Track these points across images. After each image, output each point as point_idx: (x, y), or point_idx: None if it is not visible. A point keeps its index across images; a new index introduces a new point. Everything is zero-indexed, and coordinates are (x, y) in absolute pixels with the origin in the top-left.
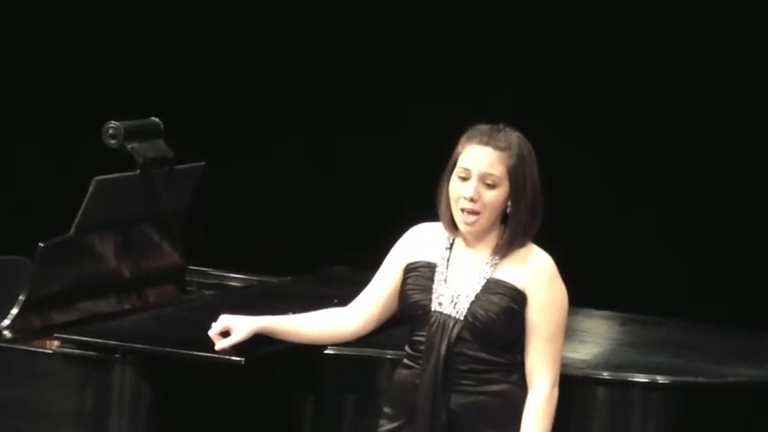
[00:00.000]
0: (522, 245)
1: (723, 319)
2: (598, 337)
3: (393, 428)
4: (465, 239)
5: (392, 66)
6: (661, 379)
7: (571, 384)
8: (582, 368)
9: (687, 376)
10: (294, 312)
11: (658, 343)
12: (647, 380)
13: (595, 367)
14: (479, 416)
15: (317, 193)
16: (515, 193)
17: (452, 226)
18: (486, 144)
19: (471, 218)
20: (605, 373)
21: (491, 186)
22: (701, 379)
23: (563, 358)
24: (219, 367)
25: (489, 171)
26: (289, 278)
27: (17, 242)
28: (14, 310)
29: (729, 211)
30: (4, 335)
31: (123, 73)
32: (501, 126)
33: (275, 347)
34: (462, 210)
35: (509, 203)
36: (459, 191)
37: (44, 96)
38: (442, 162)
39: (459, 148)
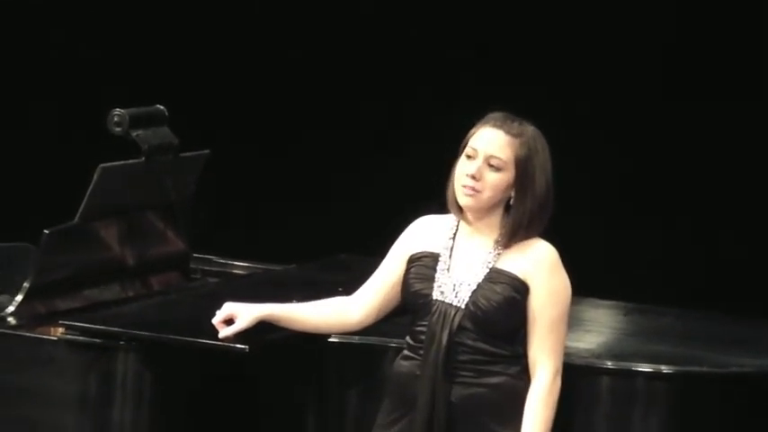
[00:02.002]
0: (526, 238)
1: (726, 309)
2: (602, 327)
3: (392, 420)
4: (468, 226)
5: (397, 57)
6: (665, 368)
7: (575, 374)
8: (586, 357)
9: (691, 366)
10: (298, 300)
11: (662, 332)
12: (650, 369)
13: (599, 357)
14: (479, 408)
15: (322, 181)
16: (520, 182)
17: (457, 206)
18: (499, 128)
19: (470, 192)
20: (609, 363)
21: (495, 169)
22: (704, 368)
23: (567, 348)
24: (223, 355)
25: (495, 153)
26: (293, 266)
27: (22, 229)
28: (19, 297)
29: (731, 201)
30: (9, 321)
31: (128, 60)
32: (520, 119)
33: (279, 335)
34: (464, 186)
35: (512, 193)
36: (463, 168)
37: (48, 83)
38: (446, 154)
39: (473, 129)
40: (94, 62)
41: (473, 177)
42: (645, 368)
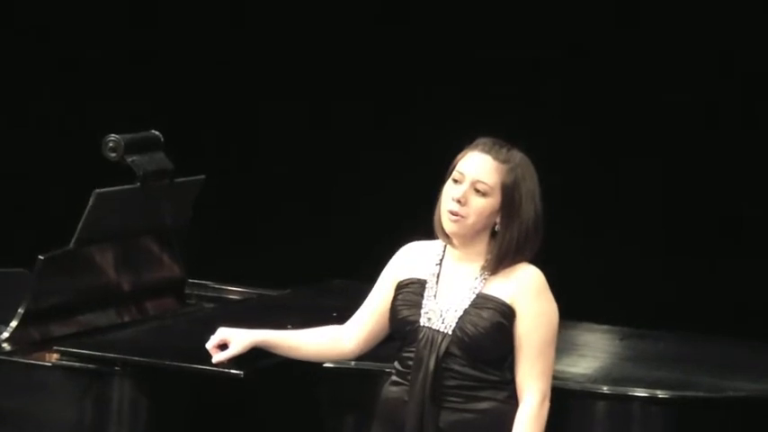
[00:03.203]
0: (514, 264)
1: (722, 331)
2: (598, 351)
3: None
4: (455, 252)
5: (399, 81)
6: (661, 393)
7: (571, 398)
8: (582, 382)
9: (687, 390)
10: (293, 326)
11: (658, 357)
12: (646, 394)
13: (595, 381)
14: None
15: (316, 206)
16: (506, 209)
17: (444, 231)
18: (487, 153)
19: (455, 218)
20: (605, 388)
21: (481, 194)
22: (700, 393)
23: (563, 372)
24: (218, 380)
25: (482, 178)
26: (288, 291)
27: (17, 254)
28: (14, 323)
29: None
30: (4, 347)
31: (124, 83)
32: (508, 145)
33: (274, 360)
34: (449, 211)
35: (498, 219)
36: (449, 192)
37: (42, 106)
38: (442, 177)
39: (461, 154)
40: (90, 88)
41: (458, 202)
42: (641, 393)
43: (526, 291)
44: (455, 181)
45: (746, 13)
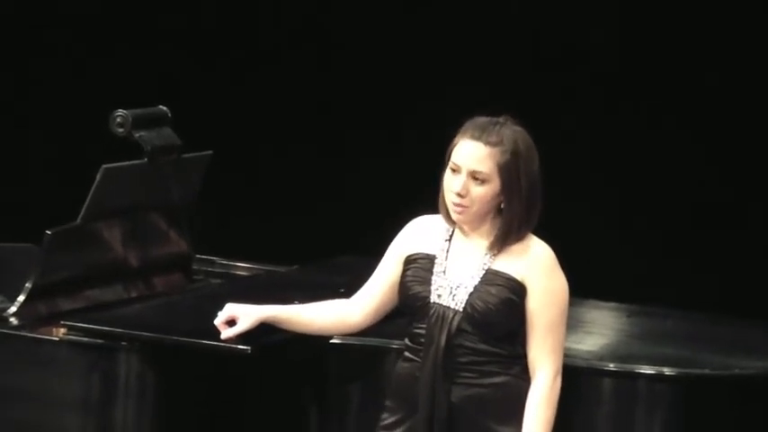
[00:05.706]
0: (520, 238)
1: (727, 310)
2: (604, 329)
3: (394, 422)
4: (463, 230)
5: (400, 59)
6: (667, 370)
7: (577, 376)
8: (588, 359)
9: (693, 368)
10: (300, 302)
11: (665, 334)
12: (653, 371)
13: (602, 359)
14: (480, 408)
15: (324, 182)
16: (508, 189)
17: (449, 216)
18: (478, 139)
19: (459, 209)
20: (611, 365)
21: (480, 182)
22: (707, 371)
23: (569, 349)
24: (226, 356)
25: (477, 168)
26: (295, 268)
27: (25, 229)
28: (21, 298)
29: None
30: (11, 322)
31: (131, 62)
32: (500, 120)
33: (281, 336)
34: (453, 203)
35: (502, 199)
36: (449, 184)
37: (51, 84)
38: (446, 154)
39: (455, 140)
40: (97, 62)
41: (459, 195)
42: (647, 370)
43: (537, 268)
44: (453, 170)
45: None
